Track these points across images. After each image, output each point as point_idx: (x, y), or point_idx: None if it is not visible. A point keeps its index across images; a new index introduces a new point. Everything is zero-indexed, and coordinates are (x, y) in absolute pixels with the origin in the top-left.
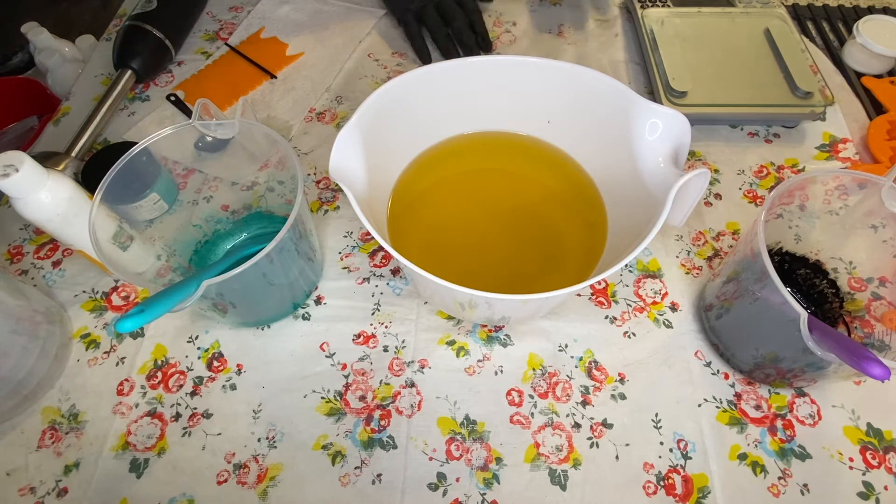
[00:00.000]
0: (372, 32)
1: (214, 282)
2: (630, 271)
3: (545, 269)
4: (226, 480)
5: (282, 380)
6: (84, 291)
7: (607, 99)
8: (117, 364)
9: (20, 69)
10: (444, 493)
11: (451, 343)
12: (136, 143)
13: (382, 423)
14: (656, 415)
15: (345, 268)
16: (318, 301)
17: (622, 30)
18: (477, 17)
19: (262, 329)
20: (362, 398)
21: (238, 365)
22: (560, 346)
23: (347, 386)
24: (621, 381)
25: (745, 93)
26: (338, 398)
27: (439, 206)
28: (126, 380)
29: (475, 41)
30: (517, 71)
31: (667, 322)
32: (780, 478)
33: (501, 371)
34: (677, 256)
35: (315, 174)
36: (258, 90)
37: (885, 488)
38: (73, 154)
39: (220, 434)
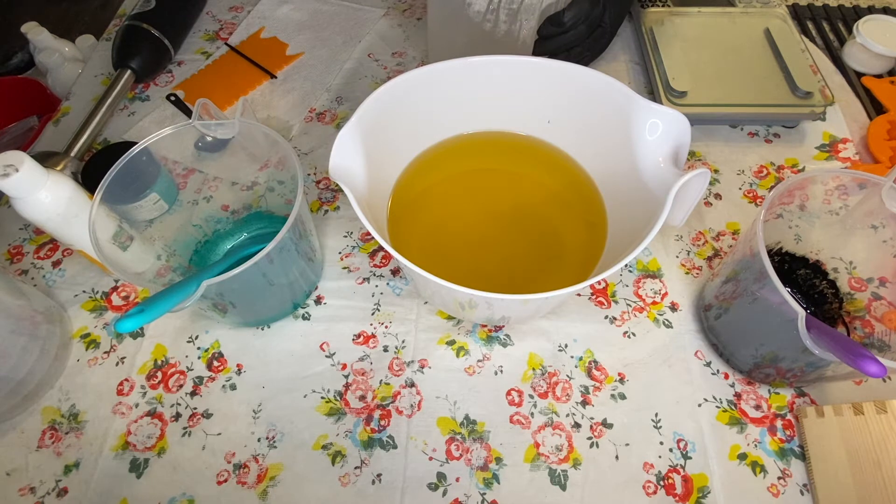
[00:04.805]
0: (372, 32)
1: (214, 282)
2: (630, 271)
3: (545, 269)
4: (226, 480)
5: (282, 380)
6: (84, 291)
7: (607, 99)
8: (117, 364)
9: (20, 69)
10: (444, 493)
11: (451, 343)
12: (136, 143)
13: (382, 422)
14: (656, 415)
15: (345, 268)
16: (318, 301)
17: (622, 30)
18: None
19: (262, 329)
20: (362, 398)
21: (238, 365)
22: (560, 346)
23: (347, 386)
24: (621, 380)
25: (745, 93)
26: (338, 398)
27: (439, 206)
28: (126, 380)
29: None
30: (517, 71)
31: (667, 322)
32: (779, 478)
33: (501, 371)
34: (677, 256)
35: (315, 174)
36: (258, 90)
37: None
38: (73, 154)
39: (220, 434)
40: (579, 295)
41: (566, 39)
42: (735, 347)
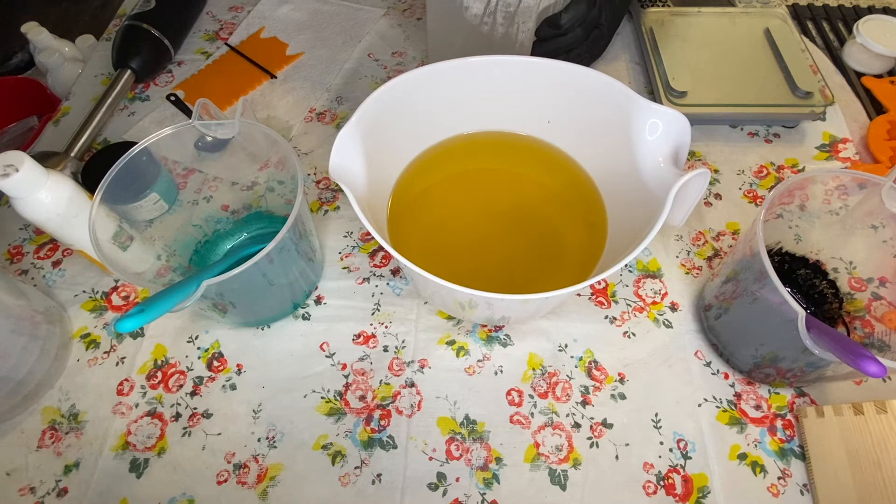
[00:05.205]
0: (372, 32)
1: (214, 282)
2: (630, 271)
3: (545, 269)
4: (226, 480)
5: (282, 380)
6: (84, 291)
7: (607, 99)
8: (117, 364)
9: (20, 69)
10: (444, 493)
11: (451, 343)
12: (136, 143)
13: (382, 422)
14: (656, 415)
15: (345, 268)
16: (318, 301)
17: (622, 29)
18: None
19: (262, 329)
20: (362, 398)
21: (238, 365)
22: (560, 346)
23: (347, 386)
24: (621, 380)
25: (745, 93)
26: (338, 398)
27: (439, 206)
28: (126, 380)
29: None
30: (517, 71)
31: (666, 322)
32: (779, 478)
33: (501, 371)
34: (677, 256)
35: (315, 174)
36: (258, 90)
37: None
38: (73, 154)
39: (220, 434)
40: (579, 295)
41: (563, 42)
42: (735, 347)
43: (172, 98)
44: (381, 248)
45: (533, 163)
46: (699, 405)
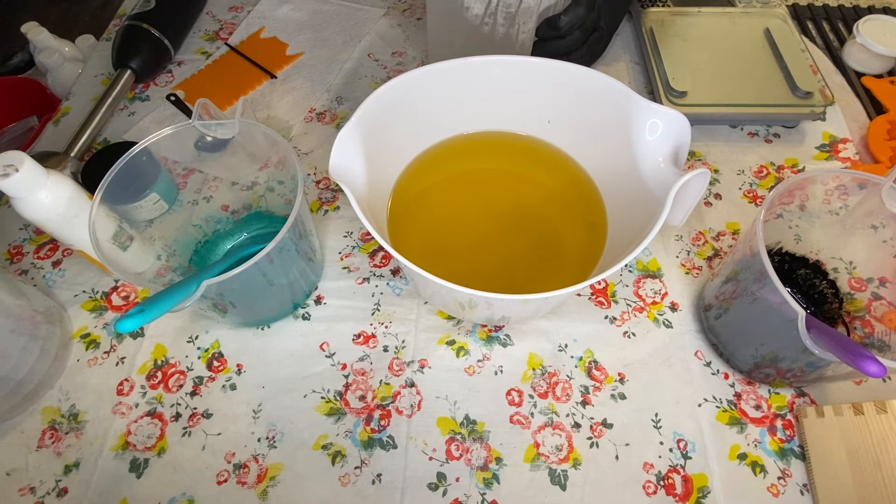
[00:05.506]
0: (372, 32)
1: (214, 282)
2: (630, 271)
3: (545, 269)
4: (226, 480)
5: (282, 380)
6: (84, 291)
7: (607, 99)
8: (117, 364)
9: (20, 69)
10: (444, 493)
11: (451, 343)
12: (136, 143)
13: (382, 422)
14: (656, 415)
15: (345, 268)
16: (318, 301)
17: (622, 30)
18: None
19: (262, 329)
20: (362, 398)
21: (238, 365)
22: (560, 346)
23: (347, 386)
24: (621, 381)
25: (745, 93)
26: (338, 398)
27: (439, 206)
28: (126, 380)
29: None
30: (517, 71)
31: (666, 322)
32: (779, 478)
33: (501, 371)
34: (677, 256)
35: (315, 174)
36: (258, 90)
37: None
38: (73, 154)
39: (220, 434)
40: (579, 295)
41: (562, 45)
42: (735, 347)
43: (172, 98)
44: (381, 248)
45: (533, 163)
46: (699, 405)
